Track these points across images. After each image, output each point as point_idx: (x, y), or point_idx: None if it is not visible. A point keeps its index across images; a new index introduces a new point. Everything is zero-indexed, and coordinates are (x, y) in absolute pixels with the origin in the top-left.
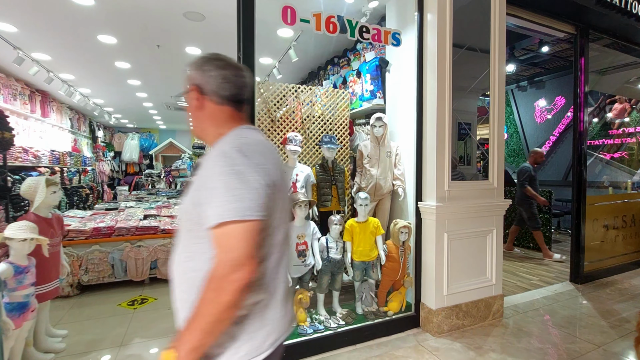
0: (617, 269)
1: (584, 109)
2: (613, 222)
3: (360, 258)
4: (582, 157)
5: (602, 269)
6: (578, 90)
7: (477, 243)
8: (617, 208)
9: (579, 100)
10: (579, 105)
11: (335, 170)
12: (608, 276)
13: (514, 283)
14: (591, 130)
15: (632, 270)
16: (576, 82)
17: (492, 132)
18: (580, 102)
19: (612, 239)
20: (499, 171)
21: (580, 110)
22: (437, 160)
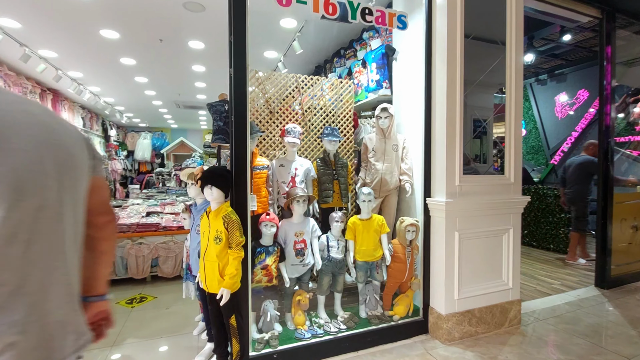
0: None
1: (611, 101)
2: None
3: (363, 258)
4: (608, 152)
5: (630, 273)
6: (604, 82)
7: (492, 243)
8: None
9: (605, 92)
10: (604, 98)
11: (337, 164)
12: (637, 281)
13: (533, 287)
14: (617, 126)
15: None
16: (602, 71)
17: (509, 123)
18: (606, 94)
19: None
20: (516, 165)
21: (607, 103)
22: (447, 152)
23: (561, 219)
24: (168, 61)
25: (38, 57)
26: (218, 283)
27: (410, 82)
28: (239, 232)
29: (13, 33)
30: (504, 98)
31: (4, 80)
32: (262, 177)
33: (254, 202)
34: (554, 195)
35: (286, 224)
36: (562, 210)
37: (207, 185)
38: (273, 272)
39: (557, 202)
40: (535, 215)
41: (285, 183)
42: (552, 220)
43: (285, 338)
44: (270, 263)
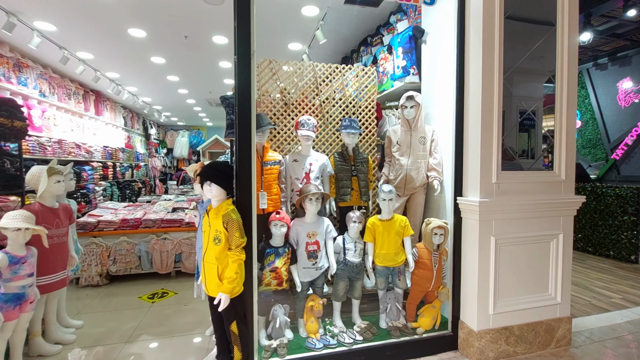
0: None
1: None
2: None
3: (383, 263)
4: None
5: None
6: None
7: (537, 250)
8: None
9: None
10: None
11: (356, 159)
12: None
13: (587, 301)
14: None
15: None
16: None
17: (560, 113)
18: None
19: None
20: (568, 160)
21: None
22: (482, 146)
23: (624, 222)
24: (196, 58)
25: (77, 59)
26: (217, 287)
27: (440, 67)
28: (239, 233)
29: (50, 36)
30: (554, 87)
31: (49, 82)
32: (274, 173)
33: (264, 200)
34: (615, 195)
35: (298, 224)
36: (625, 212)
37: (205, 182)
38: (283, 275)
39: (618, 203)
40: (592, 217)
41: (299, 179)
42: (612, 223)
43: (295, 347)
44: (280, 265)
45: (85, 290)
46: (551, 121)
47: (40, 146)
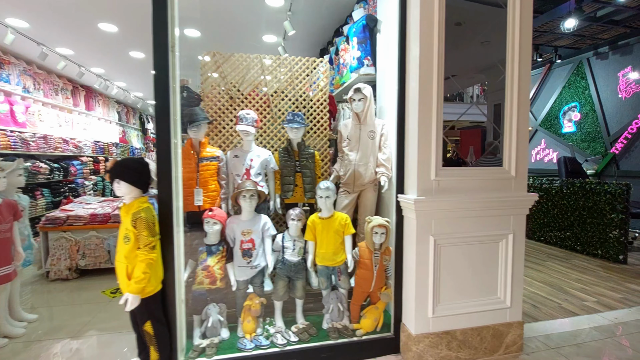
0: None
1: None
2: None
3: (322, 262)
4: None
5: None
6: None
7: (484, 251)
8: None
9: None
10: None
11: (301, 154)
12: None
13: (557, 304)
14: None
15: None
16: None
17: (510, 102)
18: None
19: None
20: (519, 155)
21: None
22: (420, 140)
23: (612, 220)
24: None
25: (57, 54)
26: (127, 286)
27: (392, 58)
28: (148, 232)
29: (26, 32)
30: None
31: (34, 78)
32: (211, 169)
33: (200, 197)
34: (604, 192)
35: (234, 222)
36: (614, 209)
37: (114, 180)
38: (216, 273)
39: (607, 200)
40: (580, 215)
41: (240, 176)
42: (601, 221)
43: (227, 347)
44: (212, 264)
45: (54, 284)
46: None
47: (23, 142)
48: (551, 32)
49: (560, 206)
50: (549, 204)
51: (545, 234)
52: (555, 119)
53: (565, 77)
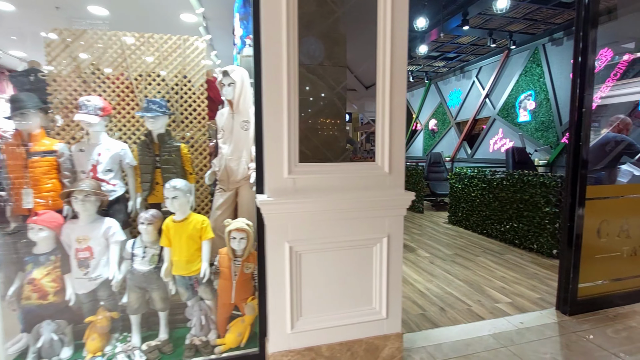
0: (634, 295)
1: (589, 41)
2: (638, 224)
3: (177, 271)
4: (581, 122)
5: (607, 294)
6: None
7: (355, 257)
8: (637, 206)
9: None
10: (582, 48)
11: (163, 147)
12: (617, 305)
13: (468, 307)
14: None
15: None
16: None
17: (382, 89)
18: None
19: (633, 250)
20: (393, 148)
21: (585, 47)
22: (268, 130)
23: (546, 214)
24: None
25: None
26: None
27: None
28: None
29: None
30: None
31: None
32: (44, 165)
33: (29, 198)
34: (540, 184)
35: (69, 226)
36: (548, 203)
37: None
38: (47, 287)
39: (542, 192)
40: (518, 208)
41: (86, 173)
42: (536, 215)
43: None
44: (39, 276)
45: None
46: None
47: None
48: (502, 16)
49: (500, 199)
50: (491, 196)
51: (487, 227)
52: (512, 108)
53: (522, 65)
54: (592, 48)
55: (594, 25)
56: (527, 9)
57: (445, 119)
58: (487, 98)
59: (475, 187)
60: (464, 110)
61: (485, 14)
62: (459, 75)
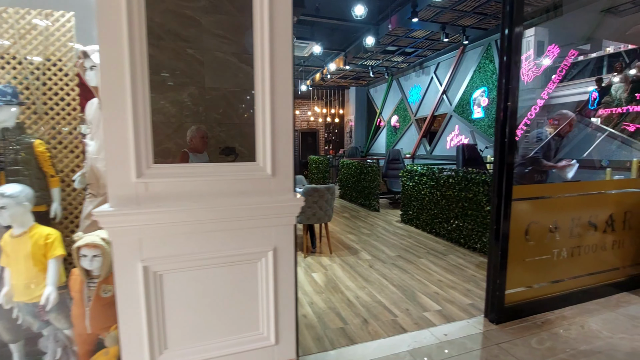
0: (563, 300)
1: (516, 46)
2: (569, 225)
3: (17, 297)
4: (505, 124)
5: (537, 299)
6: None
7: (235, 276)
8: (578, 204)
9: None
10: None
11: (8, 145)
12: (548, 310)
13: (392, 316)
14: (615, 95)
15: (590, 301)
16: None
17: (261, 77)
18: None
19: (562, 253)
20: (276, 146)
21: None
22: (108, 120)
23: (489, 213)
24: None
25: None
26: None
27: None
28: None
29: None
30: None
31: None
32: None
33: None
34: (482, 182)
35: None
36: (489, 202)
37: None
38: None
39: (484, 190)
40: (463, 206)
41: None
42: (479, 213)
43: None
44: None
45: None
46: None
47: None
48: (451, 9)
49: (447, 197)
50: (438, 194)
51: (435, 226)
52: (467, 104)
53: (476, 61)
54: (515, 41)
55: (518, 20)
56: (476, 1)
57: (407, 115)
58: (445, 94)
59: (425, 185)
60: (423, 107)
61: (435, 6)
62: (418, 71)
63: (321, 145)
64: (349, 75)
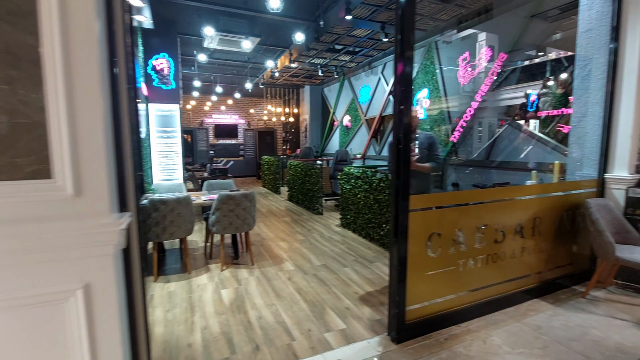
0: (471, 311)
1: (406, 48)
2: (476, 234)
3: None
4: (401, 126)
5: (443, 313)
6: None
7: (28, 323)
8: (485, 211)
9: None
10: (401, 44)
11: None
12: (454, 324)
13: (290, 339)
14: (553, 97)
15: (500, 310)
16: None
17: (53, 71)
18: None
19: (468, 263)
20: (80, 155)
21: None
22: None
23: None
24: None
25: None
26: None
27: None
28: None
29: None
30: None
31: None
32: None
33: None
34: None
35: None
36: None
37: None
38: None
39: None
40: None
41: None
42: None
43: None
44: None
45: None
46: None
47: None
48: (386, 7)
49: (379, 200)
50: (372, 197)
51: (369, 231)
52: None
53: (419, 62)
54: (407, 45)
55: (409, 23)
56: None
57: (357, 115)
58: (392, 95)
59: (359, 188)
60: (372, 107)
61: (369, 4)
62: (367, 71)
63: (280, 145)
64: (300, 74)
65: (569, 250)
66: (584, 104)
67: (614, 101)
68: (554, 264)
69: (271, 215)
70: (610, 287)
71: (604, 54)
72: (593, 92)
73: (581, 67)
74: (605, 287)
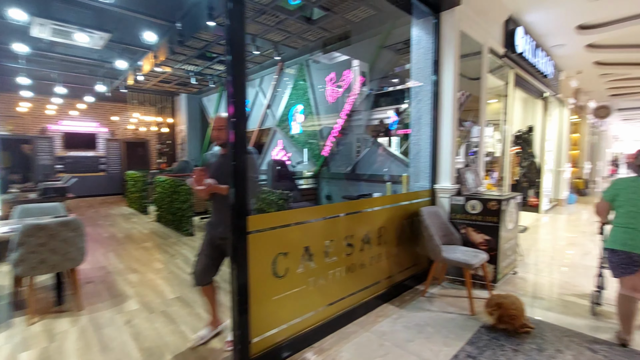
0: (324, 329)
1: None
2: (324, 250)
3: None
4: (239, 138)
5: (295, 337)
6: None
7: None
8: (332, 226)
9: None
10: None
11: None
12: (308, 345)
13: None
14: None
15: (352, 322)
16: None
17: None
18: None
19: (319, 280)
20: None
21: None
22: None
23: None
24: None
25: None
26: None
27: None
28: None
29: None
30: None
31: None
32: None
33: None
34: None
35: None
36: None
37: None
38: None
39: None
40: None
41: None
42: None
43: None
44: None
45: None
46: None
47: None
48: (253, 20)
49: None
50: None
51: None
52: (287, 120)
53: (292, 78)
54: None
55: (239, 50)
56: (276, 18)
57: None
58: (269, 109)
59: None
60: (251, 120)
61: None
62: None
63: (154, 158)
64: (172, 80)
65: (413, 253)
66: (418, 126)
67: (437, 124)
68: (401, 267)
69: (128, 241)
70: (443, 282)
71: (430, 83)
72: (424, 115)
73: (415, 94)
74: (440, 283)
